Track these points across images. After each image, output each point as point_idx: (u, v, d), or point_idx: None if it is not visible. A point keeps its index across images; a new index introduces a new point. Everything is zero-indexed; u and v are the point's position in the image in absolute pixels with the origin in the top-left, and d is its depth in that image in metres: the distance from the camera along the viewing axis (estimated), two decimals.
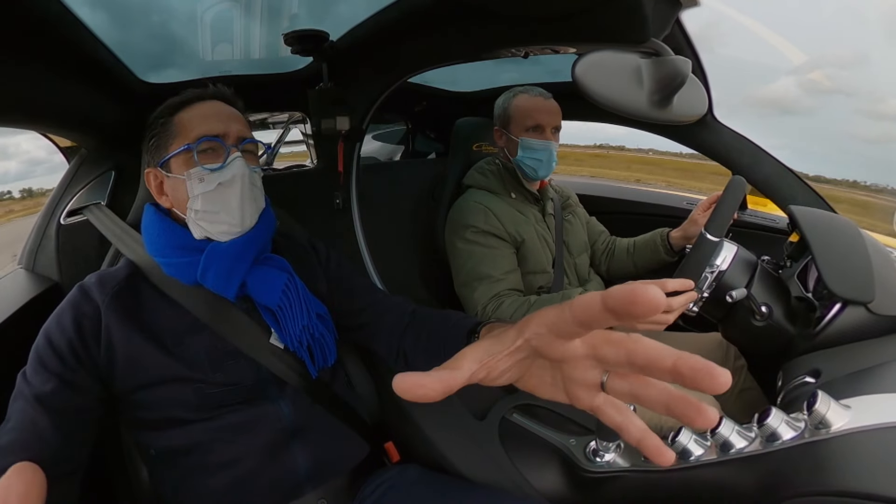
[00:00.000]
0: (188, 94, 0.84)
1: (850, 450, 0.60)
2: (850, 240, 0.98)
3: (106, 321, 0.74)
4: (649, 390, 0.34)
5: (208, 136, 0.79)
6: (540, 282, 1.41)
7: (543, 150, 1.40)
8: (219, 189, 0.79)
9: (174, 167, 0.81)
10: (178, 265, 0.80)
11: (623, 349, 0.35)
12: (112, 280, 0.80)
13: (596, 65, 0.66)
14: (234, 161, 0.80)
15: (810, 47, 61.66)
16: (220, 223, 0.81)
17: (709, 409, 0.31)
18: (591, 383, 0.38)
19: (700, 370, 0.30)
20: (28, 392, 0.69)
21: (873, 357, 0.81)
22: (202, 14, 1.11)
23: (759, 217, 1.78)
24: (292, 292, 0.86)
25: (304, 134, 1.86)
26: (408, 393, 0.34)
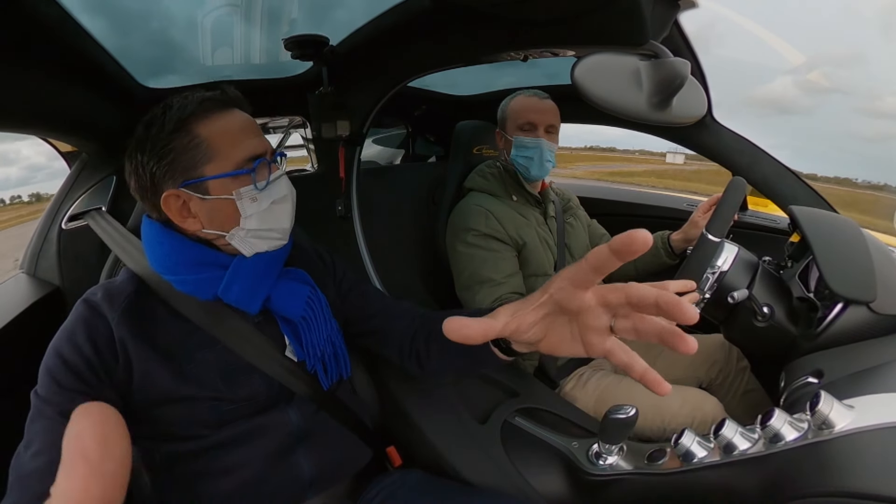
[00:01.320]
0: (198, 101, 0.76)
1: (854, 450, 0.59)
2: (851, 239, 0.98)
3: (119, 336, 0.72)
4: (646, 324, 0.44)
5: (259, 157, 0.77)
6: (541, 285, 1.40)
7: (534, 147, 1.40)
8: (271, 207, 0.79)
9: (214, 188, 0.75)
10: (196, 282, 0.77)
11: (622, 292, 0.45)
12: (119, 295, 0.75)
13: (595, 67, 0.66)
14: (282, 179, 0.81)
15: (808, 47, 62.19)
16: (272, 239, 0.81)
17: (689, 338, 0.41)
18: (602, 328, 0.47)
19: (673, 304, 0.40)
20: (51, 411, 0.66)
21: (876, 357, 0.81)
22: (202, 19, 1.12)
23: (759, 218, 1.79)
24: (315, 304, 0.86)
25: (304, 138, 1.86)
26: (454, 333, 0.46)
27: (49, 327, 0.74)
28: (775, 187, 1.33)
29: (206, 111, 0.76)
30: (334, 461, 0.86)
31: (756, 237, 1.69)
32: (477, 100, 2.08)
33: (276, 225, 0.80)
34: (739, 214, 1.79)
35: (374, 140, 2.51)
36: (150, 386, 0.72)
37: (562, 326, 0.51)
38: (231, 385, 0.77)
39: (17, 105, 0.87)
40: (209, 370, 0.76)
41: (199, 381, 0.75)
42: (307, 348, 0.84)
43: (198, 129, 0.74)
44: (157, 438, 0.76)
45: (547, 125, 1.42)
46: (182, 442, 0.75)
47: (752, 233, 1.73)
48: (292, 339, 0.84)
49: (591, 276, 0.44)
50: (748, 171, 1.34)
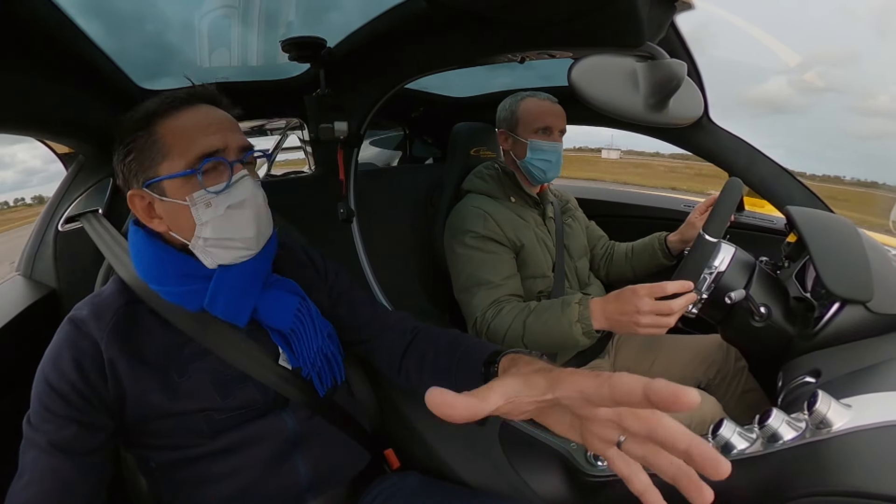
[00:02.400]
0: (167, 99, 0.73)
1: (852, 449, 0.60)
2: (847, 239, 0.98)
3: (109, 356, 0.69)
4: (661, 460, 0.39)
5: (210, 156, 0.71)
6: (540, 286, 1.41)
7: (552, 151, 1.41)
8: (228, 213, 0.72)
9: (169, 190, 0.72)
10: (181, 293, 0.75)
11: (646, 424, 0.39)
12: (108, 310, 0.73)
13: (592, 69, 0.67)
14: (242, 181, 0.74)
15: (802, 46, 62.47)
16: (235, 249, 0.75)
17: (707, 489, 0.37)
18: (608, 439, 0.43)
19: (709, 459, 0.35)
20: (41, 440, 0.65)
21: (873, 356, 0.81)
22: (199, 21, 1.12)
23: (756, 218, 1.79)
24: (305, 315, 0.84)
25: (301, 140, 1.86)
26: (436, 408, 0.39)
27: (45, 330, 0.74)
28: (772, 188, 1.34)
29: (168, 108, 0.72)
30: (332, 465, 0.86)
31: (753, 237, 1.70)
32: (474, 101, 2.08)
33: (236, 234, 0.74)
34: (736, 215, 1.80)
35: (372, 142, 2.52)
36: (143, 403, 0.71)
37: (562, 413, 0.47)
38: (225, 395, 0.76)
39: (15, 107, 0.87)
40: (203, 382, 0.75)
41: (193, 394, 0.74)
42: (300, 357, 0.83)
43: (158, 126, 0.71)
44: (151, 448, 0.76)
45: (560, 129, 1.43)
46: (177, 451, 0.75)
47: (749, 233, 1.73)
48: (285, 347, 0.82)
49: (608, 404, 0.40)
50: (745, 171, 1.35)
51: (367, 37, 1.13)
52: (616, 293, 1.04)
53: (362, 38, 1.14)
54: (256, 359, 0.79)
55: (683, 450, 0.37)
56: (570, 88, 0.66)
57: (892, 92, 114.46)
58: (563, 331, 1.10)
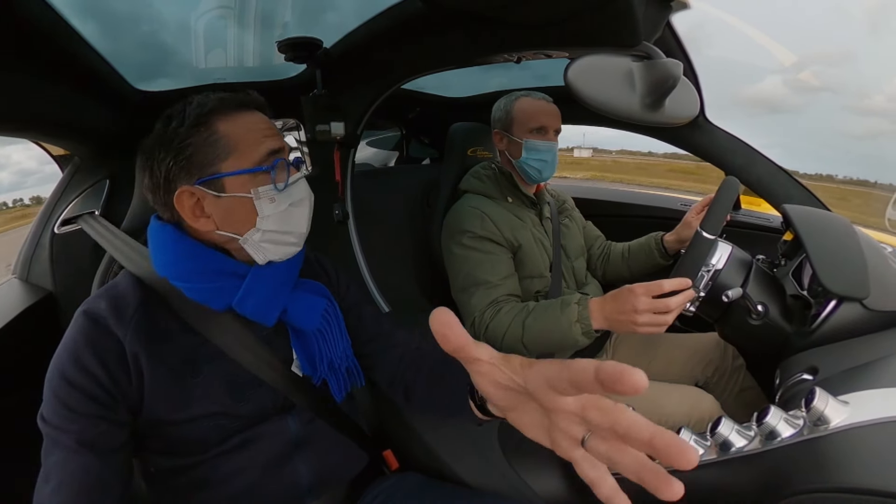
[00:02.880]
0: (224, 99, 0.75)
1: (850, 446, 0.60)
2: (843, 237, 0.99)
3: (132, 351, 0.68)
4: (624, 456, 0.37)
5: (277, 157, 0.75)
6: (537, 286, 1.41)
7: (548, 150, 1.41)
8: (289, 210, 0.76)
9: (231, 186, 0.73)
10: (210, 290, 0.74)
11: (609, 417, 0.38)
12: (128, 307, 0.71)
13: (588, 68, 0.67)
14: (300, 182, 0.79)
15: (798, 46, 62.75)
16: (287, 245, 0.78)
17: (675, 482, 0.34)
18: (573, 436, 0.41)
19: (672, 446, 0.33)
20: (68, 440, 0.64)
21: (870, 352, 0.82)
22: (195, 22, 1.11)
23: (752, 217, 1.80)
24: (332, 316, 0.85)
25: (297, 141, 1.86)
26: (436, 323, 0.41)
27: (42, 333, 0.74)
28: (769, 186, 1.34)
29: (226, 108, 0.74)
30: (332, 466, 0.86)
31: (749, 236, 1.70)
32: (470, 101, 2.08)
33: (294, 228, 0.78)
34: (733, 214, 1.80)
35: (369, 142, 2.52)
36: (158, 407, 0.70)
37: (533, 411, 0.45)
38: (238, 399, 0.75)
39: (10, 108, 0.86)
40: (216, 384, 0.74)
41: (206, 397, 0.73)
42: (318, 362, 0.83)
43: (217, 124, 0.72)
44: (155, 453, 0.76)
45: (555, 128, 1.43)
46: (182, 458, 0.74)
47: (746, 231, 1.74)
48: (301, 353, 0.83)
49: (567, 390, 0.39)
50: (742, 170, 1.35)
51: (363, 37, 1.13)
52: (614, 293, 1.04)
53: (358, 39, 1.14)
54: (269, 363, 0.79)
55: (647, 440, 0.35)
56: (567, 88, 0.66)
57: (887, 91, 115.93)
58: (562, 331, 1.10)
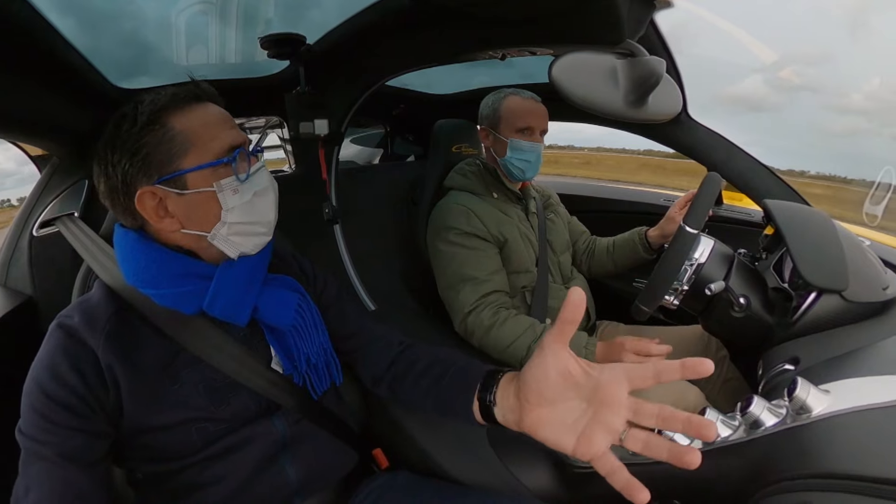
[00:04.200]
0: (175, 95, 0.72)
1: (831, 433, 0.61)
2: (823, 230, 1.00)
3: (106, 363, 0.67)
4: (657, 440, 0.51)
5: (237, 148, 0.74)
6: (524, 281, 1.41)
7: (532, 151, 1.41)
8: (254, 199, 0.75)
9: (193, 182, 0.71)
10: (179, 295, 0.73)
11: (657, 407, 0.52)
12: (100, 317, 0.70)
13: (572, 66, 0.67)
14: (262, 171, 0.78)
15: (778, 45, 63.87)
16: (255, 235, 0.77)
17: (694, 450, 0.49)
18: (614, 429, 0.53)
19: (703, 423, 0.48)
20: (48, 452, 0.63)
21: (849, 343, 0.83)
22: (176, 19, 1.09)
23: (734, 211, 1.83)
24: (306, 311, 0.84)
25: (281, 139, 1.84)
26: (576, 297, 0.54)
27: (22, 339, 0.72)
28: (749, 182, 1.36)
29: (179, 103, 0.72)
30: (320, 467, 0.85)
31: (731, 230, 1.73)
32: (455, 98, 2.08)
33: (261, 217, 0.77)
34: (714, 209, 1.83)
35: (353, 140, 2.50)
36: (138, 414, 0.69)
37: (569, 411, 0.56)
38: (219, 403, 0.74)
39: None
40: (196, 390, 0.73)
41: (187, 403, 0.72)
42: (297, 358, 0.82)
43: (172, 121, 0.70)
44: (140, 460, 0.75)
45: (542, 129, 1.44)
46: (168, 462, 0.73)
47: (728, 226, 1.76)
48: (279, 350, 0.81)
49: (650, 379, 0.52)
50: (723, 166, 1.37)
51: (347, 34, 1.12)
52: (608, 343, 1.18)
53: (342, 35, 1.13)
54: (248, 364, 0.77)
55: (685, 419, 0.49)
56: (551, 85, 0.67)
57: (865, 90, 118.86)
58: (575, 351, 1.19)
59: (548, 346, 0.57)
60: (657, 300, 1.08)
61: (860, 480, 0.52)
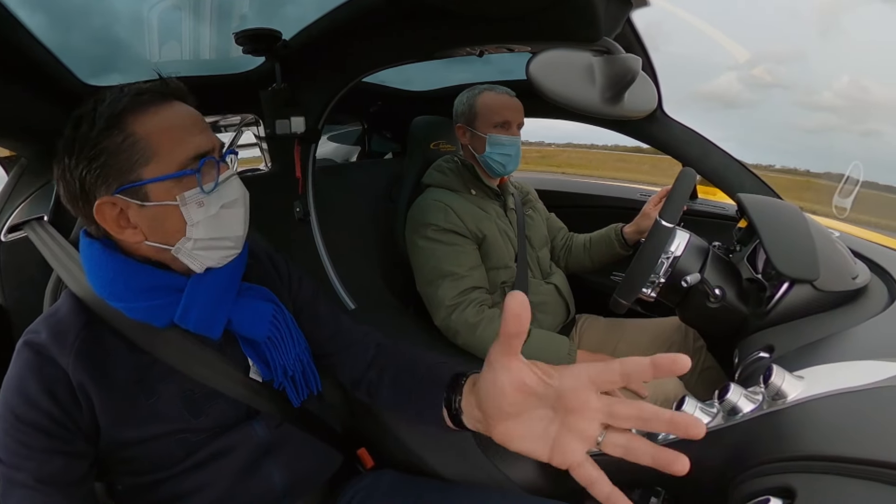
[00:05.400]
0: (137, 95, 0.66)
1: (806, 417, 0.63)
2: (794, 223, 1.03)
3: (77, 381, 0.64)
4: (640, 444, 0.46)
5: (203, 157, 0.67)
6: (503, 277, 1.42)
7: (511, 145, 1.42)
8: (221, 212, 0.69)
9: (155, 193, 0.65)
10: (149, 309, 0.69)
11: (633, 407, 0.46)
12: (68, 332, 0.66)
13: (550, 63, 0.68)
14: (232, 181, 0.72)
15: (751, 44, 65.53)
16: (222, 249, 0.72)
17: (682, 456, 0.43)
18: (589, 436, 0.48)
19: (690, 422, 0.42)
20: (25, 478, 0.61)
21: (821, 330, 0.86)
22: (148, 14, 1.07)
23: (708, 205, 1.87)
24: (281, 323, 0.80)
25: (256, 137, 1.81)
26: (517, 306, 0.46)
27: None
28: (723, 177, 1.39)
29: (142, 105, 0.65)
30: (305, 470, 0.84)
31: (706, 224, 1.76)
32: (432, 95, 2.07)
33: (228, 233, 0.71)
34: (689, 203, 1.87)
35: (329, 137, 2.47)
36: (115, 430, 0.67)
37: (537, 421, 0.51)
38: (197, 414, 0.72)
39: None
40: (172, 402, 0.71)
41: (164, 417, 0.70)
42: (273, 369, 0.79)
43: (133, 125, 0.64)
44: (121, 473, 0.73)
45: (518, 123, 1.44)
46: (149, 475, 0.71)
47: (702, 220, 1.80)
48: (256, 359, 0.79)
49: (617, 382, 0.46)
50: (698, 161, 1.40)
51: (324, 29, 1.11)
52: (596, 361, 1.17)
53: (319, 31, 1.12)
54: (226, 374, 0.75)
55: (668, 419, 0.44)
56: (529, 82, 0.67)
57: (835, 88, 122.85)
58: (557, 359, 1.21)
59: (496, 362, 0.51)
60: (635, 293, 1.09)
61: (835, 461, 0.54)
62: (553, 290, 1.50)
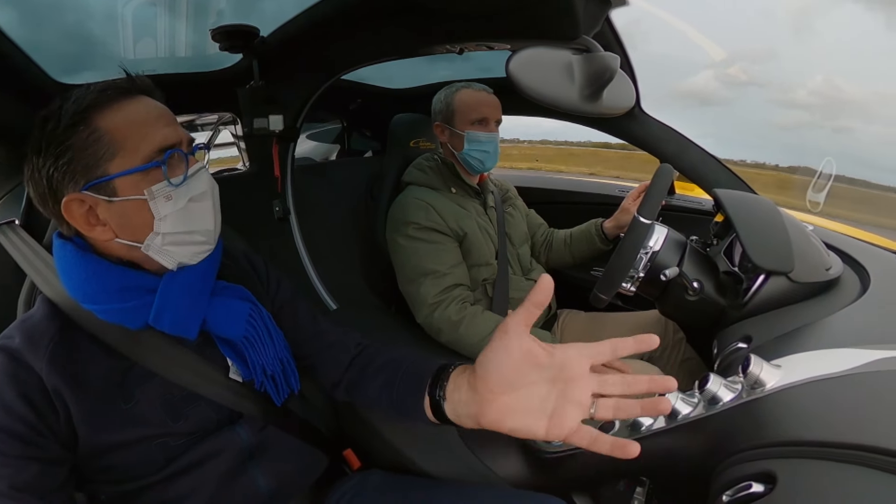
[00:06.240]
0: (102, 90, 0.65)
1: (784, 404, 0.65)
2: (769, 217, 1.05)
3: (52, 386, 0.62)
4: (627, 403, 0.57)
5: (170, 149, 0.67)
6: (484, 274, 1.43)
7: (490, 141, 1.43)
8: (189, 206, 0.69)
9: (122, 188, 0.65)
10: (121, 311, 0.67)
11: (619, 376, 0.58)
12: (42, 337, 0.65)
13: (529, 61, 0.69)
14: (200, 173, 0.71)
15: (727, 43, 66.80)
16: (194, 244, 0.71)
17: (665, 400, 0.56)
18: (584, 403, 0.57)
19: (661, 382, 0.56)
20: (1, 485, 0.59)
21: (797, 320, 0.88)
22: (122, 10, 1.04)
23: (686, 201, 1.90)
24: (258, 321, 0.78)
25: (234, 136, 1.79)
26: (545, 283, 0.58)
27: None
28: (700, 172, 1.41)
29: (107, 100, 0.65)
30: (291, 472, 0.83)
31: (683, 219, 1.78)
32: (412, 93, 2.07)
33: (198, 226, 0.71)
34: (667, 199, 1.90)
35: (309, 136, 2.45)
36: (93, 436, 0.65)
37: (535, 395, 0.58)
38: (177, 418, 0.71)
39: None
40: (152, 406, 0.69)
41: (143, 421, 0.68)
42: (253, 367, 0.78)
43: (98, 120, 0.64)
44: (102, 482, 0.71)
45: (496, 119, 1.45)
46: (131, 482, 0.70)
47: (680, 215, 1.83)
48: (235, 359, 0.77)
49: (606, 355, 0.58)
50: (675, 158, 1.42)
51: (302, 26, 1.09)
52: None
53: (298, 28, 1.10)
54: (205, 375, 0.74)
55: (647, 380, 0.57)
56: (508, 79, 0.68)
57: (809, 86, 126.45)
58: None
59: (512, 329, 0.58)
60: (615, 288, 1.11)
61: (813, 446, 0.56)
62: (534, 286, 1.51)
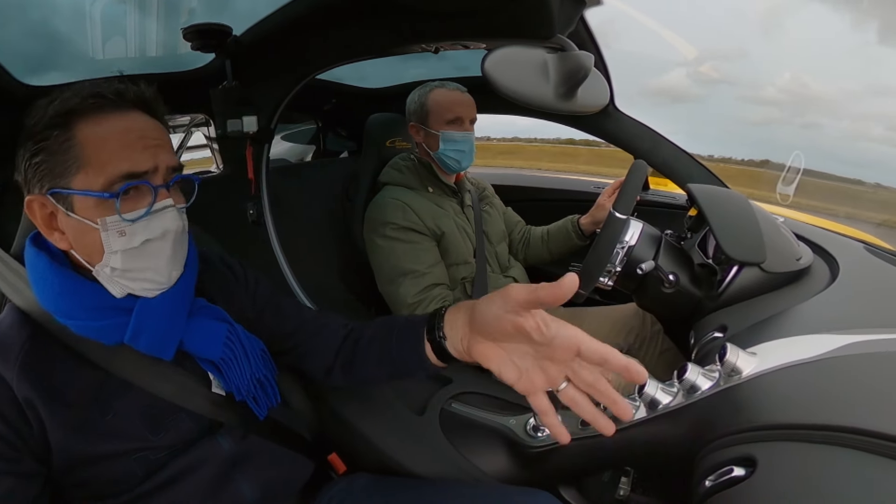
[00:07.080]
0: (91, 96, 0.62)
1: (761, 390, 0.66)
2: (741, 210, 1.08)
3: (23, 396, 0.60)
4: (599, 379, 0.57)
5: (135, 178, 0.62)
6: (463, 273, 1.43)
7: (465, 141, 1.43)
8: (145, 246, 0.64)
9: (79, 207, 0.62)
10: (96, 328, 0.65)
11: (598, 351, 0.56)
12: (12, 346, 0.62)
13: (504, 59, 0.69)
14: (165, 211, 0.65)
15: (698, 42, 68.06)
16: (145, 281, 0.66)
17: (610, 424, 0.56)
18: (554, 380, 0.58)
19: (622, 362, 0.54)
20: None
21: (770, 309, 0.90)
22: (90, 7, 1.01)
23: (660, 196, 1.94)
24: (235, 343, 0.76)
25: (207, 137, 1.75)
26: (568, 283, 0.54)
27: None
28: (673, 168, 1.44)
29: (90, 109, 0.62)
30: (276, 480, 0.82)
31: (658, 213, 1.82)
32: (387, 92, 2.06)
33: (149, 268, 0.65)
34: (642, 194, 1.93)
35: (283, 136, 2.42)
36: (68, 448, 0.62)
37: (514, 352, 0.60)
38: (157, 430, 0.69)
39: None
40: (131, 419, 0.67)
41: (122, 434, 0.66)
42: (233, 386, 0.76)
43: (76, 128, 0.61)
44: (82, 498, 0.68)
45: (471, 118, 1.45)
46: (112, 498, 0.67)
47: (654, 210, 1.86)
48: (216, 373, 0.76)
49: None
50: (649, 154, 1.44)
51: (276, 25, 1.08)
52: None
53: (271, 27, 1.09)
54: (186, 387, 0.72)
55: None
56: (484, 78, 0.68)
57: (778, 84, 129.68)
58: None
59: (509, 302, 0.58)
60: (593, 282, 1.12)
61: (790, 429, 0.58)
62: (512, 283, 1.52)
